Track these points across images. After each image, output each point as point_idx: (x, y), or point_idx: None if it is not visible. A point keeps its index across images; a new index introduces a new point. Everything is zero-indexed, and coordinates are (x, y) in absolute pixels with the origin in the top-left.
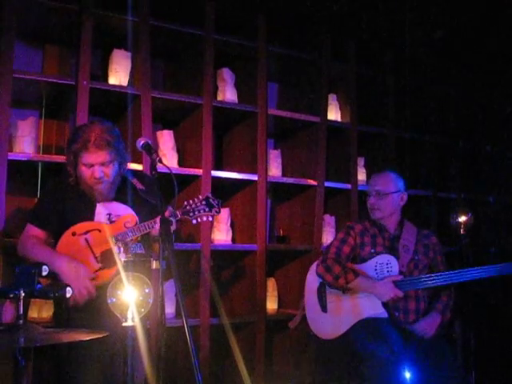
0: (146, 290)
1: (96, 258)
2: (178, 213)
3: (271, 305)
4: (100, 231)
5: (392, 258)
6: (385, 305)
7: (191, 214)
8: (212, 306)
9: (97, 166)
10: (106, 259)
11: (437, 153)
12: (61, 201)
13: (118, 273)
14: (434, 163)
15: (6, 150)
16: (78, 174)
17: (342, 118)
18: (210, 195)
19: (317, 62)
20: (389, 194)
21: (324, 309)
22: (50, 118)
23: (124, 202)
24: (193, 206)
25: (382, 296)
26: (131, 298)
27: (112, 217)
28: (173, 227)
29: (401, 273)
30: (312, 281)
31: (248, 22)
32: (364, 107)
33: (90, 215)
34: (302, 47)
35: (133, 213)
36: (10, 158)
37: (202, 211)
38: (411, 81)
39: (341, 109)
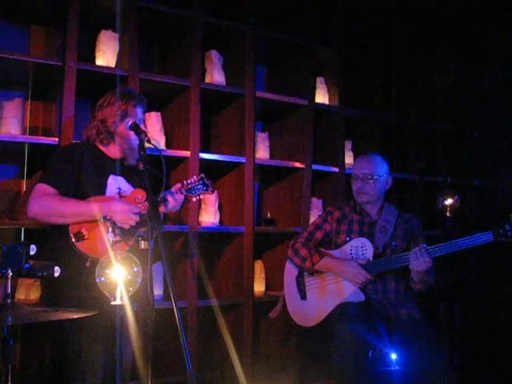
0: (135, 269)
1: (114, 230)
2: (182, 190)
3: (259, 287)
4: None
5: (366, 241)
6: (362, 288)
7: (193, 192)
8: (199, 288)
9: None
10: (123, 232)
11: (424, 137)
12: (77, 164)
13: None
14: (420, 147)
15: None
16: (121, 133)
17: (329, 101)
18: (203, 175)
19: (305, 45)
20: (376, 178)
21: (303, 296)
22: (37, 99)
23: (129, 179)
24: (192, 184)
25: (353, 280)
26: (120, 277)
27: (121, 192)
28: (172, 206)
29: (375, 255)
30: (290, 270)
31: (236, 4)
32: (352, 90)
33: (102, 186)
34: (290, 30)
35: (141, 189)
36: None
37: (200, 190)
38: (398, 65)
39: (328, 92)
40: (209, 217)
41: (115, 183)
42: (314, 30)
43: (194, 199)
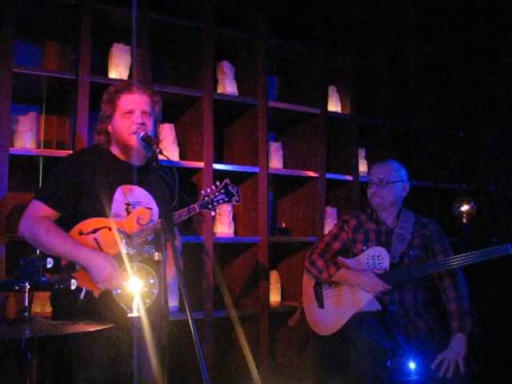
0: (151, 281)
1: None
2: (196, 206)
3: (274, 297)
4: (110, 229)
5: (383, 250)
6: (379, 299)
7: (210, 206)
8: (215, 299)
9: (138, 111)
10: (120, 261)
11: (438, 143)
12: (78, 177)
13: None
14: (435, 154)
15: (8, 145)
16: (112, 132)
17: (342, 109)
18: (228, 182)
19: (316, 54)
20: (391, 183)
21: (321, 305)
22: (51, 113)
23: (146, 187)
24: (211, 196)
25: (371, 291)
26: (136, 289)
27: (130, 207)
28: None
29: (392, 265)
30: (308, 279)
31: (248, 14)
32: (364, 98)
33: (108, 201)
34: (301, 40)
35: (147, 207)
36: (11, 153)
37: (221, 201)
38: (410, 71)
39: (341, 100)
40: (223, 227)
41: (123, 198)
42: (325, 38)
43: (213, 213)
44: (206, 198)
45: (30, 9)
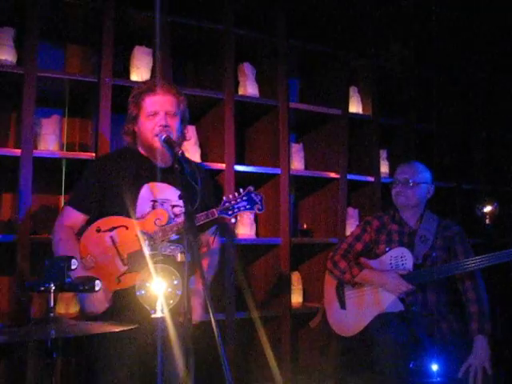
0: (175, 282)
1: (122, 260)
2: (215, 211)
3: (296, 298)
4: (127, 228)
5: (406, 251)
6: (401, 299)
7: (230, 212)
8: (236, 301)
9: (162, 113)
10: (134, 262)
11: (460, 143)
12: (103, 178)
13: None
14: (458, 154)
15: (32, 147)
16: (137, 133)
17: (363, 110)
18: (252, 189)
19: (337, 54)
20: (416, 184)
21: (343, 306)
22: (74, 115)
23: (176, 185)
24: (232, 202)
25: (394, 291)
26: (160, 290)
27: (157, 204)
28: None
29: (415, 265)
30: (330, 280)
31: (268, 15)
32: (385, 99)
33: (132, 200)
34: (321, 40)
35: (164, 208)
36: (34, 155)
37: (242, 208)
38: (432, 71)
39: (362, 101)
40: (245, 229)
41: (150, 195)
42: (346, 39)
43: (234, 220)
44: (226, 204)
45: (52, 13)
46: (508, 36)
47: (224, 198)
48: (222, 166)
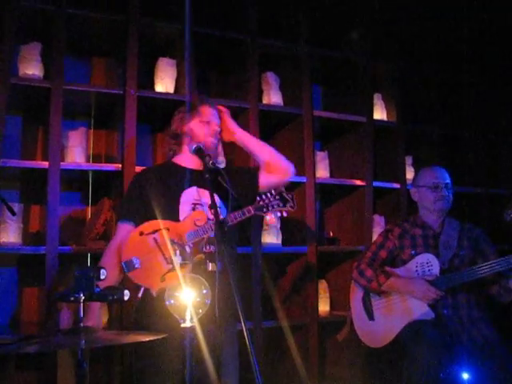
0: (204, 291)
1: (166, 258)
2: (251, 208)
3: (323, 307)
4: (169, 230)
5: (431, 257)
6: (432, 305)
7: (264, 210)
8: (263, 310)
9: (214, 122)
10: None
11: (486, 148)
12: (146, 188)
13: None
14: (483, 159)
15: (59, 159)
16: (188, 131)
17: (387, 117)
18: (283, 189)
19: (360, 61)
20: (451, 188)
21: (371, 317)
22: (99, 127)
23: (207, 188)
24: (266, 201)
25: (423, 298)
26: (189, 300)
27: (198, 206)
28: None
29: (442, 270)
30: (356, 290)
31: (290, 24)
32: (410, 105)
33: (174, 207)
34: (344, 48)
35: (202, 209)
36: (62, 167)
37: (275, 206)
38: (457, 77)
39: (386, 108)
40: (272, 237)
41: (191, 198)
42: (368, 45)
43: (268, 217)
44: (261, 203)
45: (78, 27)
46: None
47: (258, 197)
48: None
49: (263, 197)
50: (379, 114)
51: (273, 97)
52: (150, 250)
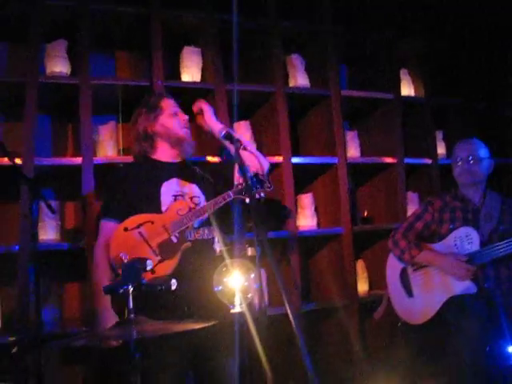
0: (252, 276)
1: (154, 250)
2: (230, 193)
3: (362, 287)
4: (153, 223)
5: (470, 230)
6: (474, 278)
7: (244, 193)
8: (302, 293)
9: (180, 112)
10: (165, 250)
11: None
12: (125, 183)
13: (178, 263)
14: None
15: (92, 155)
16: (161, 130)
17: (415, 92)
18: (254, 173)
19: (385, 38)
20: (480, 160)
21: (410, 294)
22: (128, 120)
23: (188, 179)
24: (243, 184)
25: (455, 274)
26: (237, 285)
27: (178, 198)
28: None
29: (482, 243)
30: (392, 269)
31: (312, 4)
32: (437, 79)
33: (155, 198)
34: (367, 24)
35: (183, 199)
36: (95, 162)
37: (254, 189)
38: (484, 49)
39: (413, 83)
40: (306, 220)
41: (171, 190)
42: (393, 20)
43: (248, 200)
44: (239, 186)
45: (101, 23)
46: None
47: (235, 181)
48: (279, 159)
49: (240, 181)
50: (406, 89)
51: (299, 79)
52: (136, 245)
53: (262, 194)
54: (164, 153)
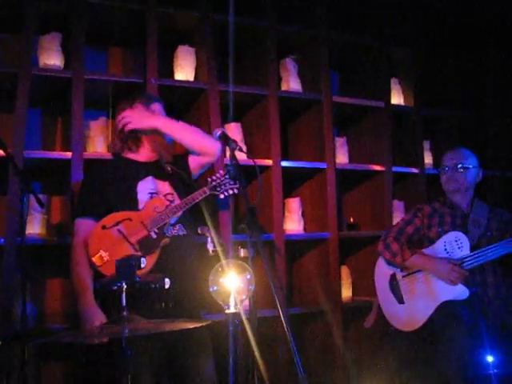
0: (248, 277)
1: (134, 247)
2: (206, 189)
3: (346, 292)
4: (131, 220)
5: (460, 234)
6: (465, 283)
7: (218, 189)
8: (287, 297)
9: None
10: (145, 246)
11: (503, 131)
12: (101, 182)
13: (159, 258)
14: (501, 142)
15: (82, 150)
16: (149, 136)
17: (405, 101)
18: (231, 168)
19: (377, 46)
20: (467, 168)
21: (400, 300)
22: None
23: (163, 178)
24: (217, 181)
25: (447, 279)
26: (233, 285)
27: (154, 195)
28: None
29: (472, 247)
30: (381, 276)
31: (308, 9)
32: (427, 89)
33: (132, 196)
34: (361, 33)
35: (160, 197)
36: (85, 157)
37: (227, 185)
38: (473, 60)
39: (404, 92)
40: (293, 224)
41: (147, 188)
42: (385, 30)
43: (222, 196)
44: (213, 183)
45: (96, 17)
46: None
47: (209, 179)
48: (269, 162)
49: (214, 177)
50: (397, 98)
51: (292, 83)
52: (115, 242)
53: (236, 191)
54: (145, 155)
